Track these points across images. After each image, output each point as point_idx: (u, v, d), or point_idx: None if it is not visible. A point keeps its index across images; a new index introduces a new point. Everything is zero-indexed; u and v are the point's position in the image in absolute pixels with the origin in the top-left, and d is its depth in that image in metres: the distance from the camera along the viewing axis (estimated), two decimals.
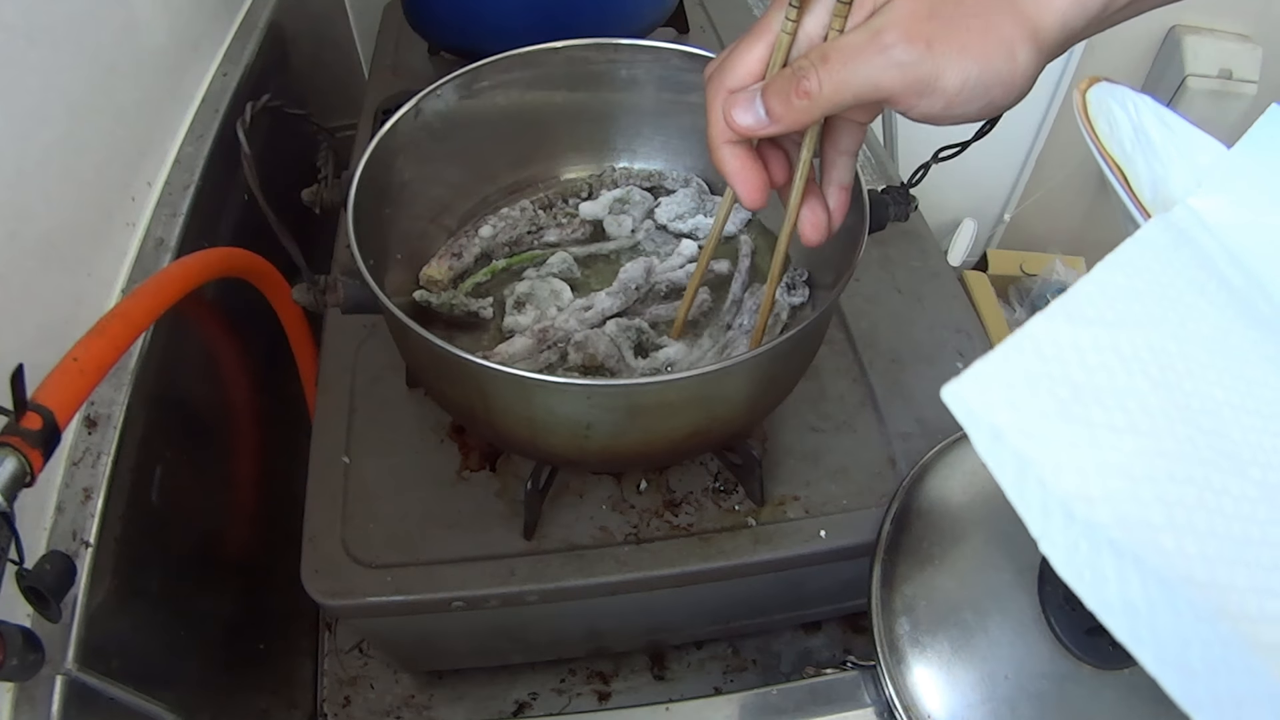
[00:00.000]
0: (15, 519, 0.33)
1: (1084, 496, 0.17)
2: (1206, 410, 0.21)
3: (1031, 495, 0.17)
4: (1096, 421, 0.18)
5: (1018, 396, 0.17)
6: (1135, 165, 0.38)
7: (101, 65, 0.54)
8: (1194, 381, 0.21)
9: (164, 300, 0.45)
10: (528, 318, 0.52)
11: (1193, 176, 0.38)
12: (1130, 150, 0.38)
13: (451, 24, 0.74)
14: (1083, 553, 0.16)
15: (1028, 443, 0.17)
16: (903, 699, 0.39)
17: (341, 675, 0.59)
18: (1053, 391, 0.18)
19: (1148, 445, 0.18)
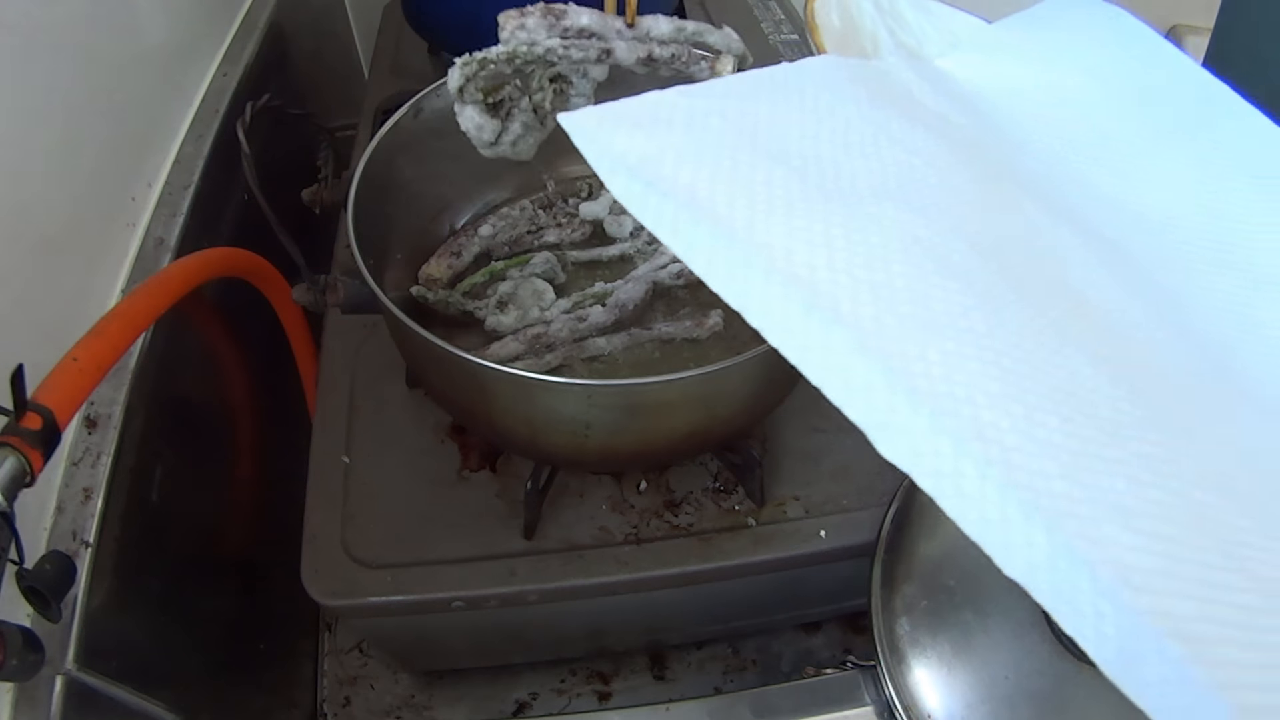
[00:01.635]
0: (15, 519, 0.33)
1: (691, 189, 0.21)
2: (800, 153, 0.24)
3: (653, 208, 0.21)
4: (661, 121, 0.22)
5: (639, 128, 0.22)
6: (877, 44, 0.39)
7: (101, 65, 0.54)
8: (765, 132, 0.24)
9: (164, 300, 0.45)
10: (510, 318, 0.52)
11: (953, 50, 0.41)
12: (872, 30, 0.39)
13: (451, 24, 0.74)
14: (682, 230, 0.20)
15: (643, 163, 0.21)
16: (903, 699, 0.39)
17: (341, 675, 0.59)
18: (669, 125, 0.22)
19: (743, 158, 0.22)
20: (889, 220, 0.22)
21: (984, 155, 0.31)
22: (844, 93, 0.29)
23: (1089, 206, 0.34)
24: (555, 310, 0.52)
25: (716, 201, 0.20)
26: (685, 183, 0.20)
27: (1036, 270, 0.25)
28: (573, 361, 0.51)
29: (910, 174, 0.25)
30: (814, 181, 0.23)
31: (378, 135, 0.50)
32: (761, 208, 0.20)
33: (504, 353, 0.50)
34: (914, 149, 0.27)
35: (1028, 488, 0.17)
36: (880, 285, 0.20)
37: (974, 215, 0.25)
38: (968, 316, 0.21)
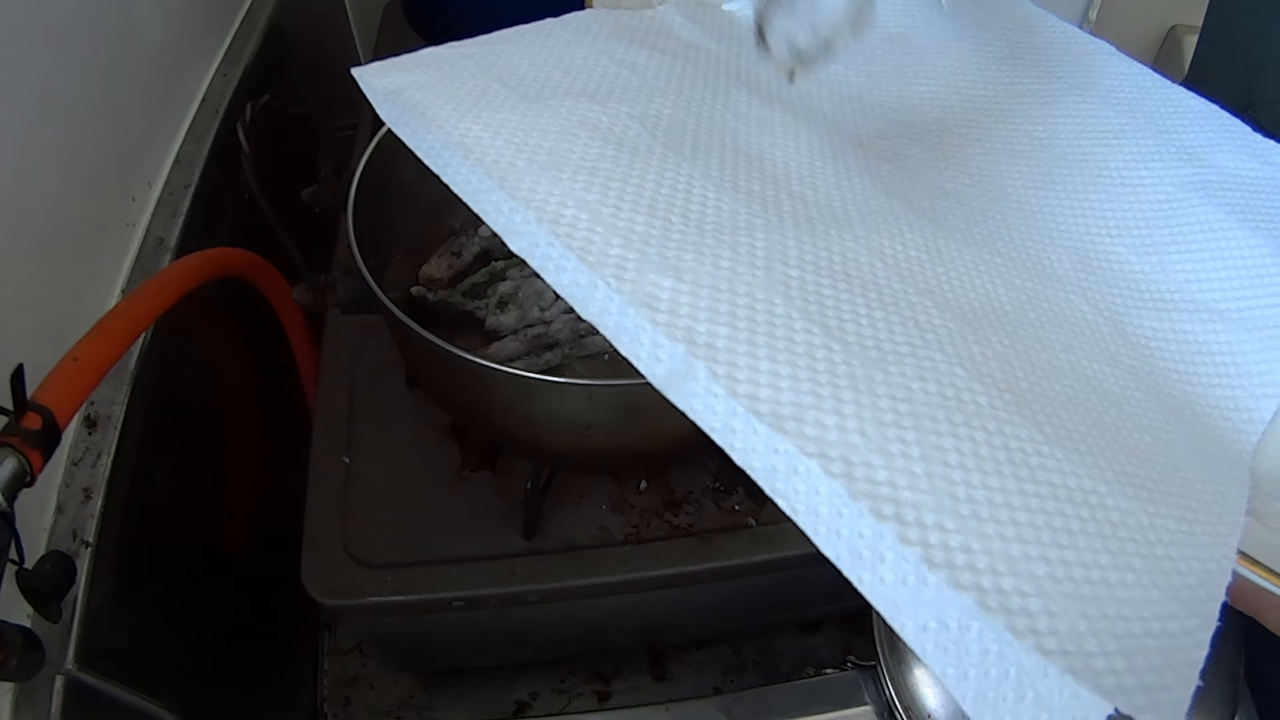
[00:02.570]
0: (15, 519, 0.33)
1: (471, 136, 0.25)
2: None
3: (428, 147, 0.26)
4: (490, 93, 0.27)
5: (403, 70, 0.26)
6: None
7: (101, 65, 0.54)
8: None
9: (164, 300, 0.45)
10: (510, 318, 0.52)
11: None
12: None
13: (451, 24, 0.74)
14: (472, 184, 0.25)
15: (423, 101, 0.26)
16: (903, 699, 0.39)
17: (341, 675, 0.59)
18: (425, 66, 0.27)
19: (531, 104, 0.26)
20: (566, 109, 0.28)
21: (711, 66, 0.34)
22: (590, 32, 0.32)
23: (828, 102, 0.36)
24: (555, 310, 0.52)
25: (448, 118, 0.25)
26: (427, 104, 0.26)
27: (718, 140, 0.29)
28: (572, 360, 0.51)
29: (615, 80, 0.29)
30: (521, 91, 0.27)
31: (378, 135, 0.50)
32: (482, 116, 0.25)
33: (504, 352, 0.50)
34: (630, 64, 0.30)
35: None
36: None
37: (665, 104, 0.29)
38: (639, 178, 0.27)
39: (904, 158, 0.36)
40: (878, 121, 0.38)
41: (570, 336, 0.51)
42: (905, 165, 0.36)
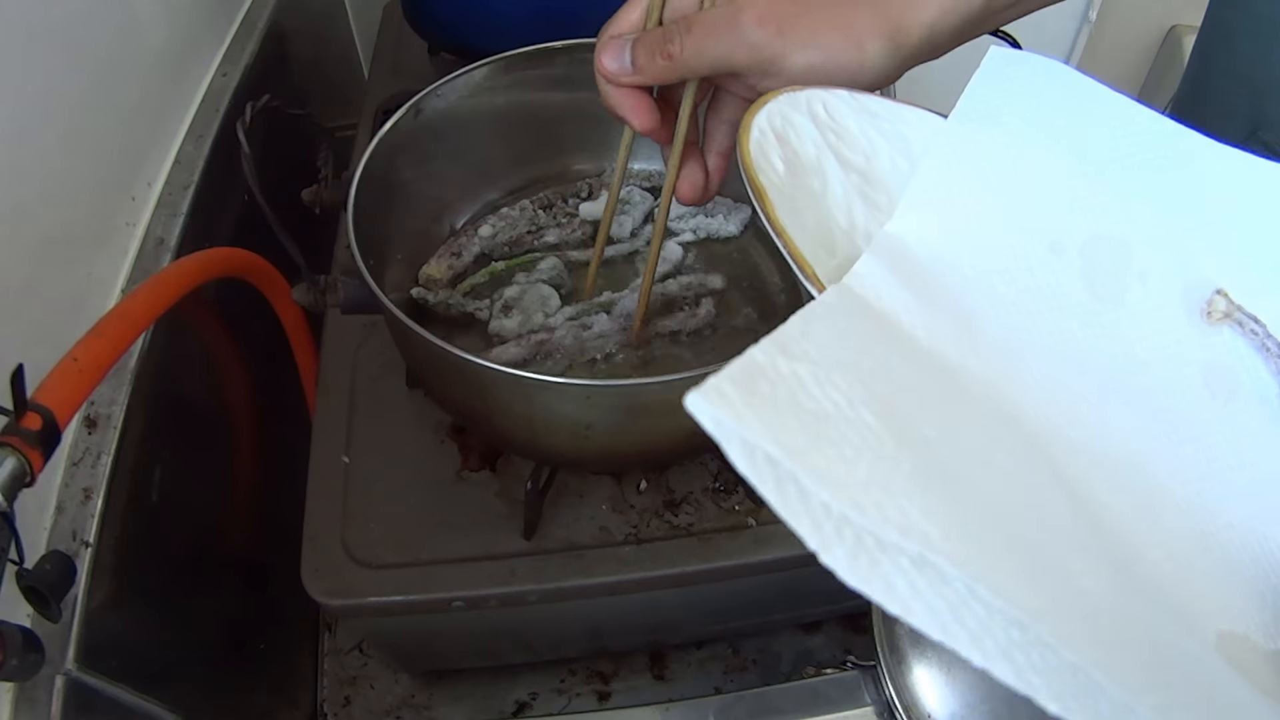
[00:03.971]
0: (15, 519, 0.33)
1: (853, 503, 0.17)
2: (921, 440, 0.22)
3: (797, 505, 0.17)
4: (837, 440, 0.19)
5: (761, 412, 0.18)
6: (824, 176, 0.36)
7: (101, 65, 0.54)
8: (903, 417, 0.22)
9: (164, 300, 0.45)
10: (513, 322, 0.52)
11: (905, 157, 0.38)
12: (817, 159, 0.37)
13: (451, 24, 0.74)
14: (864, 560, 0.17)
15: (783, 453, 0.17)
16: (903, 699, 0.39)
17: (341, 675, 0.59)
18: (792, 409, 0.19)
19: (887, 464, 0.19)
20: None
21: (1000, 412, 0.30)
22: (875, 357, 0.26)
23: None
24: (560, 317, 0.52)
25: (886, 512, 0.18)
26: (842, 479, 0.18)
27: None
28: (573, 363, 0.51)
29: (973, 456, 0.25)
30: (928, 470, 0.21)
31: (378, 135, 0.50)
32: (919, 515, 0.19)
33: (505, 358, 0.50)
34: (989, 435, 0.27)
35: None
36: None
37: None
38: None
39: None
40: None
41: (574, 344, 0.51)
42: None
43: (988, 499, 0.22)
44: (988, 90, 0.38)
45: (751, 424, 0.17)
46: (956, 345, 0.32)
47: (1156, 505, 0.31)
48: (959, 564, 0.17)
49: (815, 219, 0.35)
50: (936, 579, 0.17)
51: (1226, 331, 0.36)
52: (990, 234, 0.36)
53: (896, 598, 0.17)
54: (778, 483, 0.17)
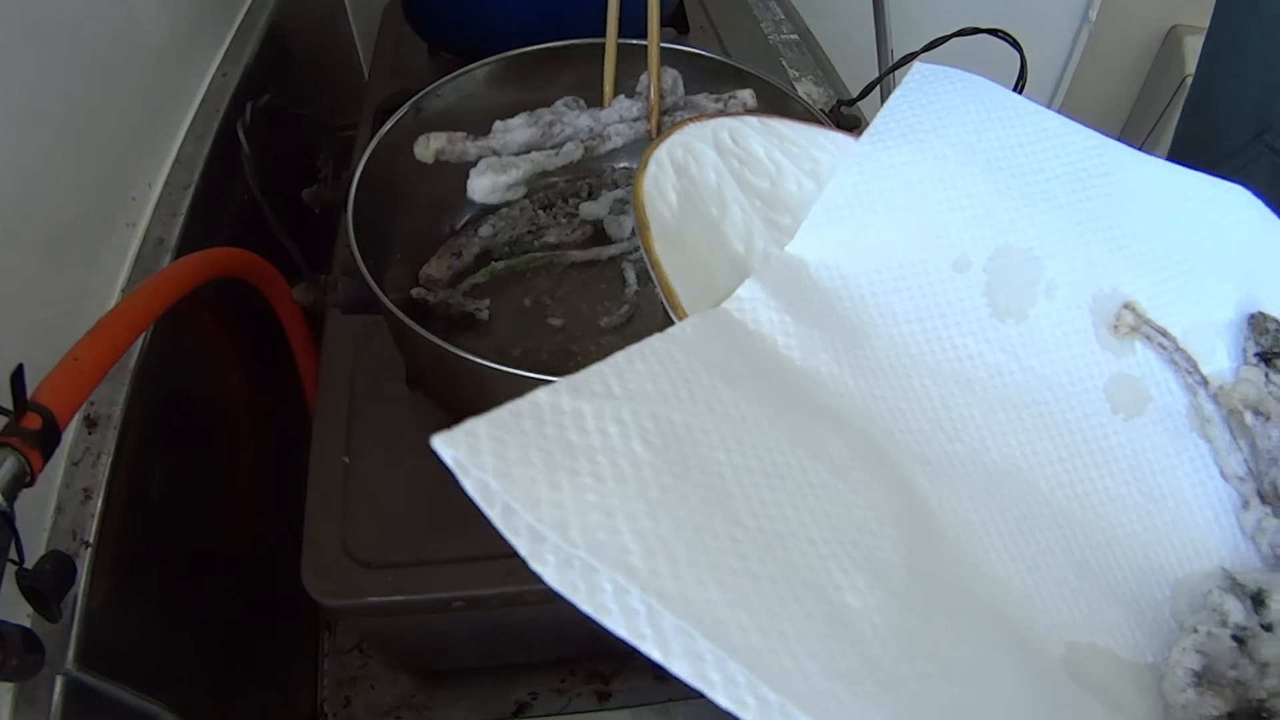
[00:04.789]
0: (15, 519, 0.33)
1: (558, 525, 0.19)
2: (704, 469, 0.22)
3: (519, 525, 0.19)
4: (581, 470, 0.20)
5: (506, 450, 0.20)
6: (724, 202, 0.37)
7: (101, 65, 0.54)
8: (694, 445, 0.23)
9: (164, 300, 0.45)
10: None
11: (813, 179, 0.38)
12: (717, 186, 0.37)
13: (451, 24, 0.74)
14: (572, 571, 0.19)
15: (503, 485, 0.19)
16: None
17: (341, 675, 0.59)
18: (541, 446, 0.20)
19: (630, 489, 0.20)
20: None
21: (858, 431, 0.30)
22: (727, 375, 0.27)
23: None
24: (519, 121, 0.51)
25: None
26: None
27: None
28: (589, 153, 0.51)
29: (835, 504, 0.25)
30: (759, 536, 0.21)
31: (378, 135, 0.50)
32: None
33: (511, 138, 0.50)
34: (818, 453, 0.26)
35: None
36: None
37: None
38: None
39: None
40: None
41: (587, 128, 0.52)
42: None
43: (749, 522, 0.22)
44: (907, 108, 0.38)
45: (486, 461, 0.19)
46: (834, 365, 0.32)
47: (1031, 520, 0.31)
48: (642, 583, 0.18)
49: (706, 250, 0.35)
50: (636, 593, 0.19)
51: (1137, 346, 0.35)
52: (892, 252, 0.36)
53: (596, 603, 0.19)
54: (504, 510, 0.19)
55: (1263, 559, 0.31)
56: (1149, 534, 0.32)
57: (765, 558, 0.21)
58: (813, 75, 0.85)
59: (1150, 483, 0.33)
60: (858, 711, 0.18)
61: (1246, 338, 0.34)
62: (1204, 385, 0.34)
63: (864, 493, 0.26)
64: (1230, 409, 0.33)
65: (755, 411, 0.26)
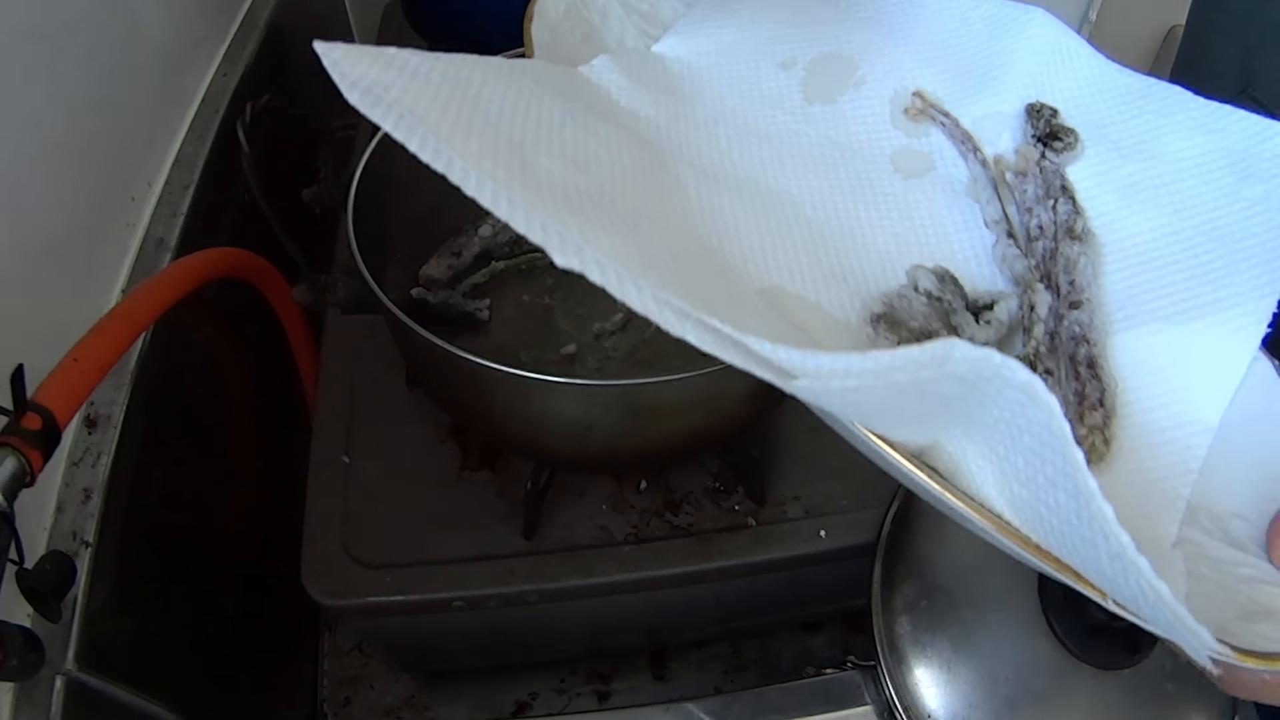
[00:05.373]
0: (15, 519, 0.33)
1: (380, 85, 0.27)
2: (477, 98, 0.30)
3: (358, 95, 0.27)
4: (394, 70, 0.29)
5: (363, 58, 0.28)
6: (605, 13, 0.45)
7: (102, 65, 0.54)
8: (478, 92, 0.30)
9: (164, 300, 0.45)
10: None
11: (685, 4, 0.45)
12: (604, 5, 0.44)
13: (451, 24, 0.74)
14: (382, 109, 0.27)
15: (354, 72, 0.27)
16: (903, 699, 0.39)
17: (341, 675, 0.59)
18: (381, 62, 0.28)
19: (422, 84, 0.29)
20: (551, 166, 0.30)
21: (653, 144, 0.37)
22: (551, 86, 0.34)
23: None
24: None
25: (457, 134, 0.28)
26: (416, 110, 0.28)
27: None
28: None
29: (585, 150, 0.32)
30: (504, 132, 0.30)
31: (378, 135, 0.50)
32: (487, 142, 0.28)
33: None
34: (595, 133, 0.33)
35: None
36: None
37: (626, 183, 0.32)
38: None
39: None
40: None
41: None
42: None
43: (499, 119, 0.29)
44: None
45: (350, 63, 0.28)
46: (652, 110, 0.39)
47: (784, 224, 0.36)
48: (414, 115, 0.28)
49: (581, 42, 0.42)
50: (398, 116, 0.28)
51: (931, 131, 0.42)
52: (732, 52, 0.43)
53: (392, 129, 0.27)
54: (340, 74, 0.27)
55: (1009, 286, 0.36)
56: (903, 253, 0.37)
57: (503, 136, 0.29)
58: None
59: (916, 222, 0.38)
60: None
61: (1025, 122, 0.40)
62: (975, 153, 0.40)
63: (618, 148, 0.33)
64: (999, 175, 0.39)
65: (551, 98, 0.32)
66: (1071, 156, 0.39)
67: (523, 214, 0.26)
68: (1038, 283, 0.35)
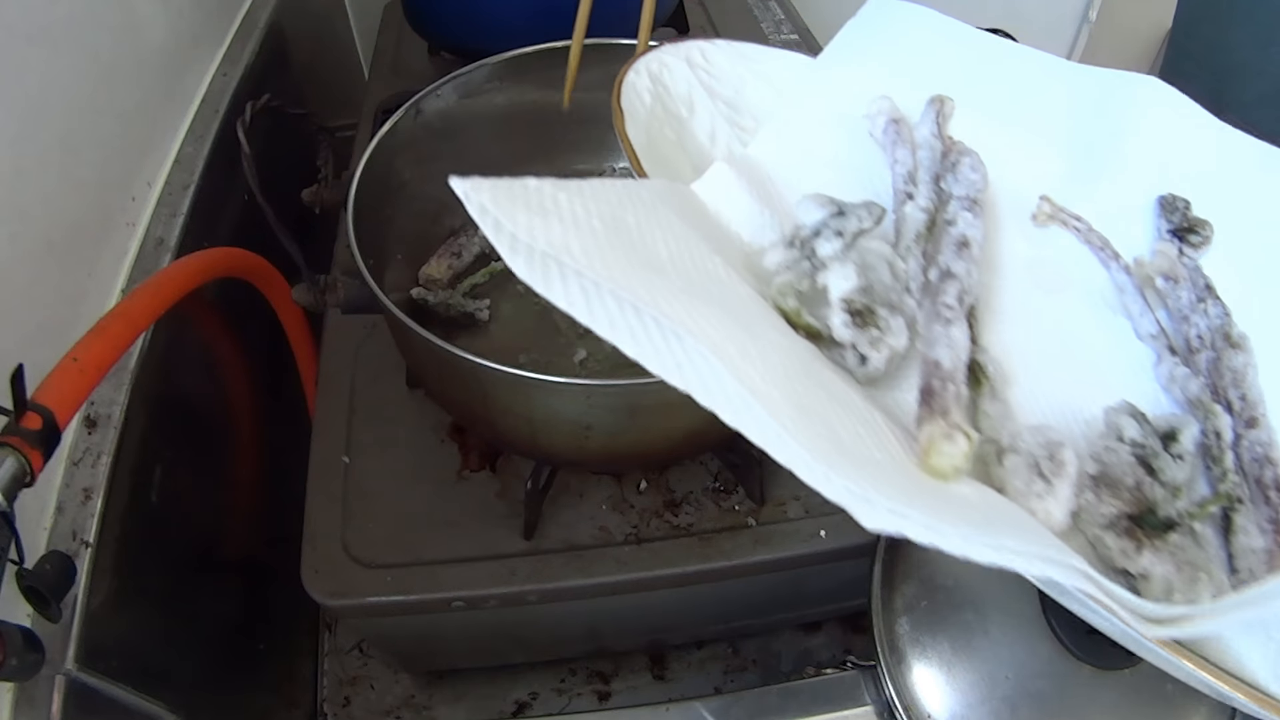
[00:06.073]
0: (15, 519, 0.33)
1: (527, 230, 0.24)
2: (644, 246, 0.28)
3: (505, 239, 0.24)
4: (550, 216, 0.26)
5: (499, 194, 0.25)
6: (692, 105, 0.42)
7: (101, 65, 0.54)
8: (639, 236, 0.28)
9: (164, 300, 0.45)
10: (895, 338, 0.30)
11: (773, 88, 0.43)
12: (688, 92, 0.42)
13: (451, 24, 0.74)
14: (537, 266, 0.24)
15: (500, 210, 0.24)
16: (903, 699, 0.39)
17: (341, 675, 0.59)
18: (525, 201, 0.26)
19: (582, 231, 0.26)
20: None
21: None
22: (680, 214, 0.32)
23: None
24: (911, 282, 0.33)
25: (620, 285, 0.24)
26: (589, 266, 0.24)
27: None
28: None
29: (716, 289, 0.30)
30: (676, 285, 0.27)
31: (378, 135, 0.50)
32: (657, 292, 0.25)
33: None
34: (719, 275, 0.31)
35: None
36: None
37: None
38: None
39: None
40: None
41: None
42: None
43: (678, 283, 0.27)
44: (858, 35, 0.44)
45: (486, 196, 0.24)
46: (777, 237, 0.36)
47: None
48: (590, 270, 0.24)
49: (674, 139, 0.40)
50: (588, 284, 0.24)
51: (1057, 232, 0.39)
52: (835, 158, 0.40)
53: (551, 289, 0.24)
54: (494, 226, 0.24)
55: (1178, 406, 0.33)
56: (1074, 384, 0.34)
57: (677, 282, 0.27)
58: None
59: (1071, 343, 0.35)
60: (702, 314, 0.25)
61: (1159, 217, 0.37)
62: (1117, 259, 0.37)
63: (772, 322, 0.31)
64: (1143, 279, 0.36)
65: (694, 235, 0.30)
66: (1205, 250, 0.36)
67: (822, 473, 0.22)
68: (1215, 403, 0.32)
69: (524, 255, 0.24)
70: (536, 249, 0.24)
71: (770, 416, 0.23)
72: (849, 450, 0.24)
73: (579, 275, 0.24)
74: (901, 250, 0.34)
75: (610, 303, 0.24)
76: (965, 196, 0.36)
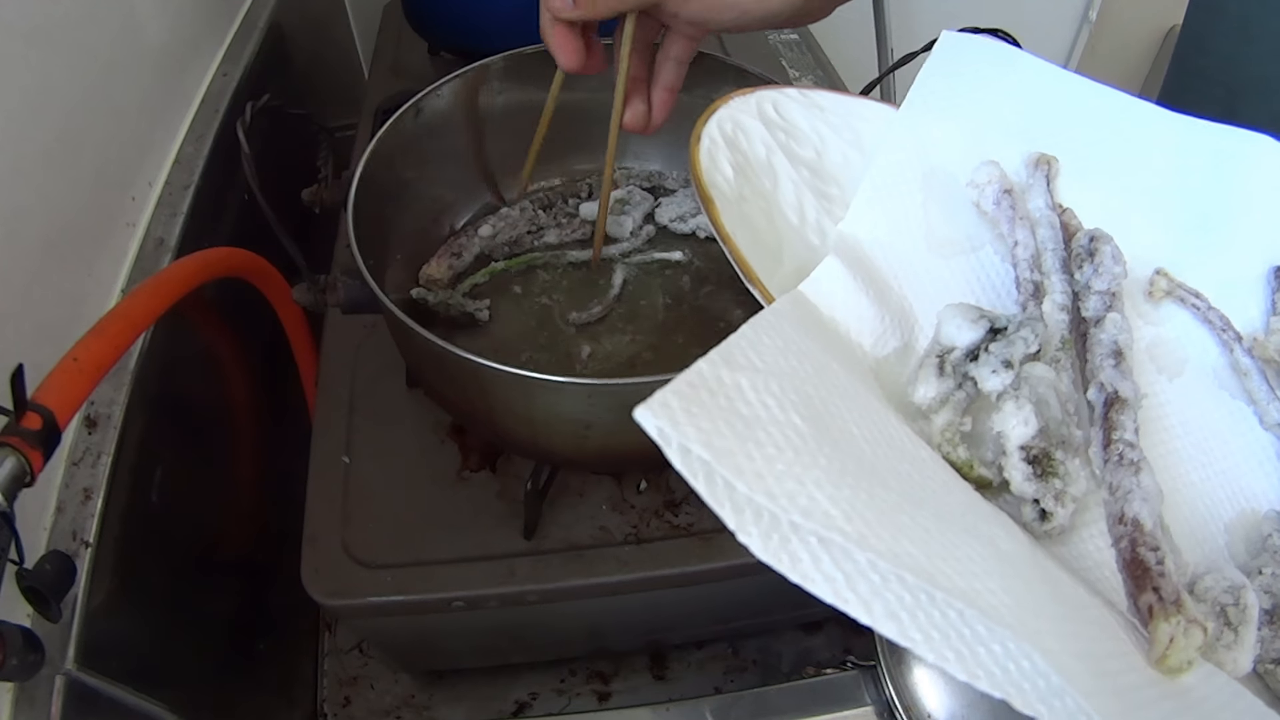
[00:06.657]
0: (15, 519, 0.33)
1: (766, 493, 0.20)
2: (847, 441, 0.24)
3: (722, 495, 0.20)
4: (763, 441, 0.22)
5: (700, 421, 0.21)
6: (775, 174, 0.38)
7: (101, 65, 0.54)
8: (831, 419, 0.25)
9: (164, 300, 0.45)
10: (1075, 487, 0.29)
11: (856, 149, 0.40)
12: (767, 158, 0.38)
13: (451, 24, 0.74)
14: (775, 539, 0.21)
15: (711, 455, 0.20)
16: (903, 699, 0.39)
17: (341, 675, 0.59)
18: (725, 419, 0.22)
19: (805, 459, 0.22)
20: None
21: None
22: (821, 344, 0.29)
23: None
24: None
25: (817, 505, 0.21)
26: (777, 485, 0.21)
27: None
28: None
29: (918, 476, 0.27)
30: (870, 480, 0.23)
31: (378, 135, 0.50)
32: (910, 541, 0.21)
33: None
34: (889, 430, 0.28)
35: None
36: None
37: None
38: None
39: None
40: None
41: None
42: None
43: (897, 488, 0.24)
44: (939, 79, 0.40)
45: (688, 431, 0.20)
46: (899, 343, 0.33)
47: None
48: (855, 541, 0.20)
49: (765, 221, 0.36)
50: (839, 553, 0.20)
51: (1171, 308, 0.36)
52: (937, 230, 0.37)
53: (800, 570, 0.20)
54: (707, 478, 0.20)
55: None
56: (1204, 484, 0.32)
57: (919, 514, 0.23)
58: (813, 75, 0.85)
59: (1198, 436, 0.33)
60: (1045, 630, 0.21)
61: (1274, 290, 0.35)
62: (1238, 340, 0.34)
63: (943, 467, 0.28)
64: (1265, 359, 0.33)
65: (859, 388, 0.27)
66: None
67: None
68: None
69: (757, 531, 0.20)
70: (783, 516, 0.20)
71: (1083, 697, 0.20)
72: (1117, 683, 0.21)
73: (826, 545, 0.20)
74: (1048, 360, 0.30)
75: (875, 577, 0.20)
76: (1106, 291, 0.32)
